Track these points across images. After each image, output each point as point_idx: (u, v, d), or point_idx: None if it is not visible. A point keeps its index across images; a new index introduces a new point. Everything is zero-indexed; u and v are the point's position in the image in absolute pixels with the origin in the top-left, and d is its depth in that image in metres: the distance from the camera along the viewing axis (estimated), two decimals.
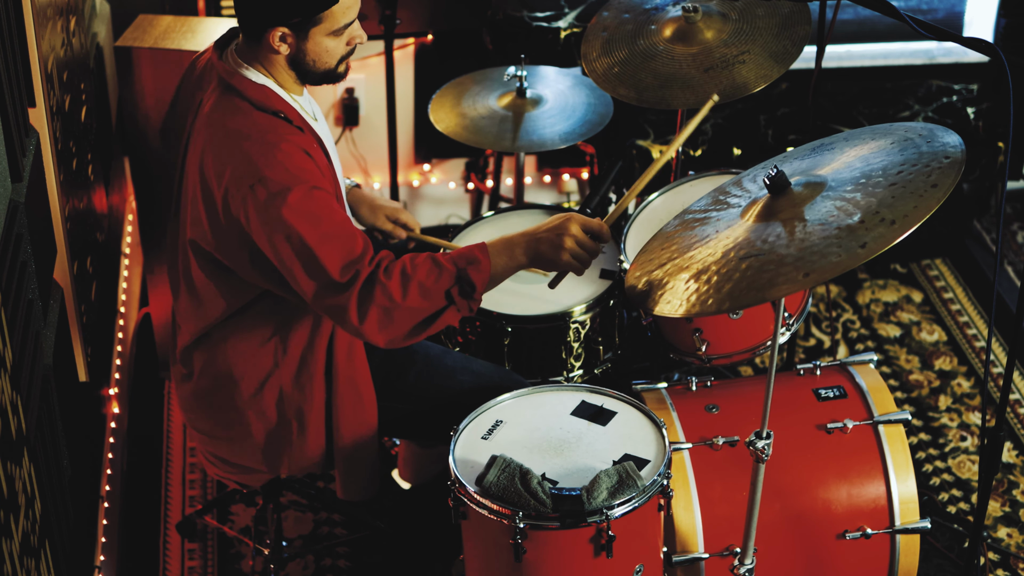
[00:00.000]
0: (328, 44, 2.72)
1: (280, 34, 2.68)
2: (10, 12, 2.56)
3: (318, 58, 2.73)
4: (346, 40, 2.74)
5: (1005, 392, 2.73)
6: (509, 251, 2.76)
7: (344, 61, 2.78)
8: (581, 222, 2.77)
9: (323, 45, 2.71)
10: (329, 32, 2.70)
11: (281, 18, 2.65)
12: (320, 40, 2.70)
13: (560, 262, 2.77)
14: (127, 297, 3.87)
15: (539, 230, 2.78)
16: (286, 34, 2.68)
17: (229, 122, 2.69)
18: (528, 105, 3.70)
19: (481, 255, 2.71)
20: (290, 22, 2.66)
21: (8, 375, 2.16)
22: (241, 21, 2.73)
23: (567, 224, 2.76)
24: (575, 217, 2.78)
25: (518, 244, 2.77)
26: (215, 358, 2.89)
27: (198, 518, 3.57)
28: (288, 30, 2.67)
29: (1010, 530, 3.55)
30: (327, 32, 2.69)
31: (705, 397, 3.01)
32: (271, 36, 2.68)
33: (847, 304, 4.37)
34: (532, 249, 2.76)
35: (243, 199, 2.63)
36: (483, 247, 2.73)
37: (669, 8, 3.37)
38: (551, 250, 2.76)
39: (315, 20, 2.67)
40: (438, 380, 3.02)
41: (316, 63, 2.74)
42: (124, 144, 4.09)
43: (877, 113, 4.32)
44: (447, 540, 3.27)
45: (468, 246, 2.75)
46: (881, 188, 2.34)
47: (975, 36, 2.86)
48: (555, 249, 2.76)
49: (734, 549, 2.85)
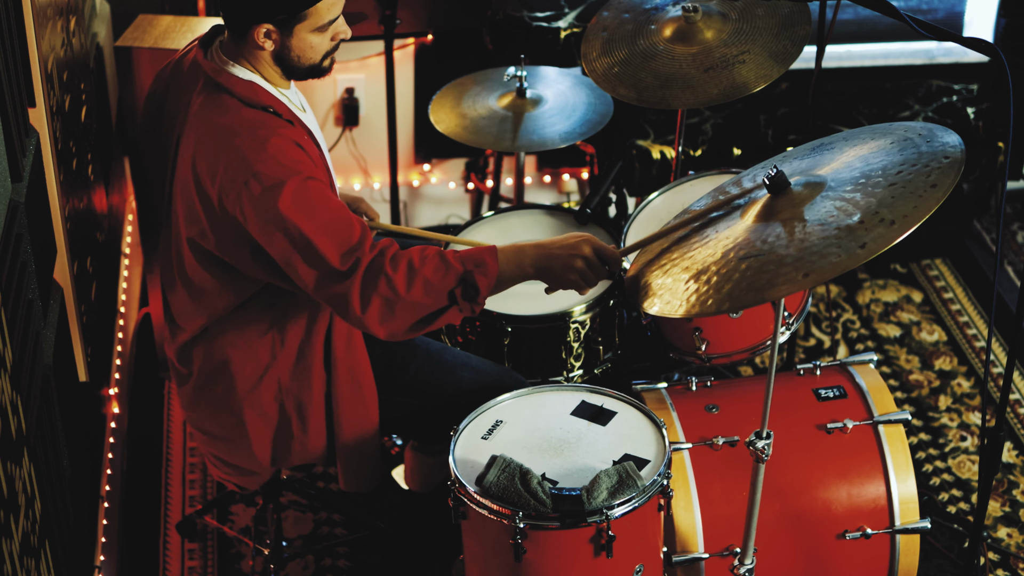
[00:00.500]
0: (313, 40, 2.72)
1: (265, 31, 2.68)
2: (10, 12, 2.56)
3: (303, 54, 2.74)
4: (330, 36, 2.75)
5: (1005, 392, 2.73)
6: (519, 259, 2.75)
7: (329, 56, 2.79)
8: (596, 246, 2.76)
9: (308, 41, 2.72)
10: (314, 28, 2.70)
11: (266, 15, 2.66)
12: (305, 36, 2.71)
13: (566, 281, 2.77)
14: (127, 297, 3.87)
15: (553, 245, 2.77)
16: (271, 31, 2.69)
17: (218, 120, 2.70)
18: (528, 105, 3.70)
19: (490, 260, 2.71)
20: (275, 19, 2.66)
21: (8, 375, 2.16)
22: (226, 18, 2.74)
23: (582, 246, 2.75)
24: (591, 240, 2.77)
25: (529, 255, 2.76)
26: (213, 353, 2.90)
27: (198, 518, 3.57)
28: (273, 27, 2.68)
29: (1010, 530, 3.55)
30: (312, 28, 2.70)
31: (705, 397, 3.01)
32: (256, 32, 2.68)
33: (847, 304, 4.37)
34: (543, 263, 2.76)
35: (238, 195, 2.63)
36: (493, 251, 2.72)
37: (669, 8, 3.37)
38: (561, 268, 2.75)
39: (300, 17, 2.67)
40: (438, 375, 3.03)
41: (301, 59, 2.75)
42: (124, 144, 4.09)
43: (877, 113, 4.32)
44: (447, 540, 3.27)
45: (480, 248, 2.73)
46: (881, 188, 2.34)
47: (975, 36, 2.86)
48: (565, 268, 2.75)
49: (734, 549, 2.85)
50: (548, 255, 2.76)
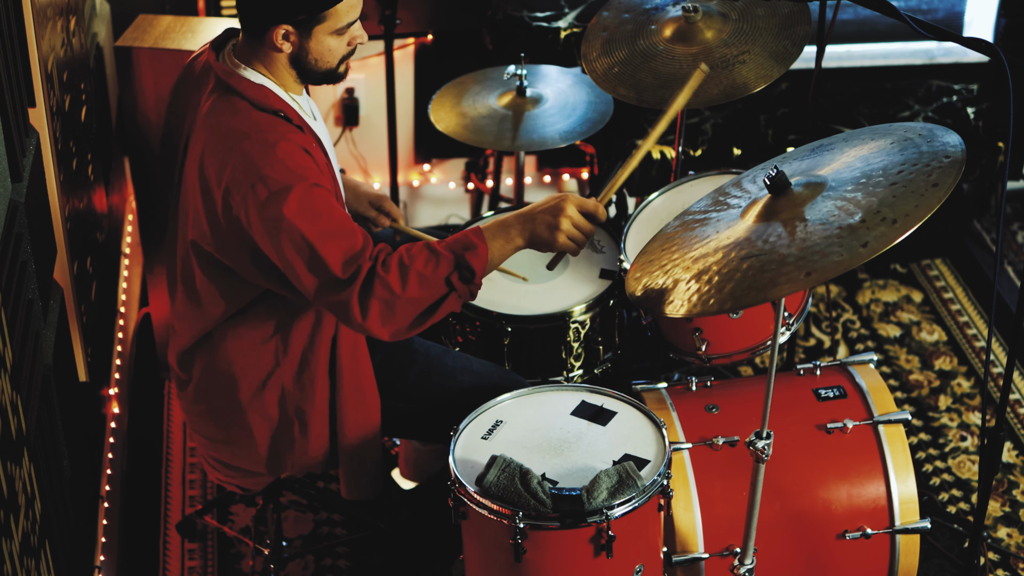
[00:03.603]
0: (331, 43, 2.72)
1: (284, 32, 2.68)
2: (10, 12, 2.55)
3: (320, 57, 2.74)
4: (347, 40, 2.75)
5: (1005, 392, 2.73)
6: (505, 233, 2.75)
7: (344, 61, 2.79)
8: (576, 202, 2.77)
9: (326, 44, 2.72)
10: (332, 31, 2.70)
11: (286, 16, 2.66)
12: (323, 39, 2.71)
13: (556, 243, 2.77)
14: (127, 297, 3.87)
15: (534, 210, 2.77)
16: (289, 32, 2.68)
17: (228, 122, 2.69)
18: (528, 104, 3.70)
19: (477, 239, 2.71)
20: (294, 19, 2.66)
21: (8, 375, 2.16)
22: (244, 19, 2.73)
23: (563, 204, 2.76)
24: (570, 197, 2.77)
25: (513, 226, 2.76)
26: (215, 359, 2.89)
27: (198, 518, 3.57)
28: (292, 28, 2.67)
29: (1010, 530, 3.55)
30: (330, 31, 2.70)
31: (705, 397, 3.01)
32: (274, 34, 2.68)
33: (847, 304, 4.37)
34: (528, 230, 2.76)
35: (243, 198, 2.63)
36: (478, 231, 2.73)
37: (669, 8, 3.37)
38: (547, 231, 2.76)
39: (319, 18, 2.67)
40: (438, 380, 3.03)
41: (318, 62, 2.75)
42: (124, 144, 4.09)
43: (877, 113, 4.32)
44: (447, 540, 3.27)
45: (463, 231, 2.74)
46: (882, 188, 2.34)
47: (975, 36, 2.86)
48: (551, 230, 2.75)
49: (734, 549, 2.85)
50: (532, 220, 2.76)
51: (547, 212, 2.76)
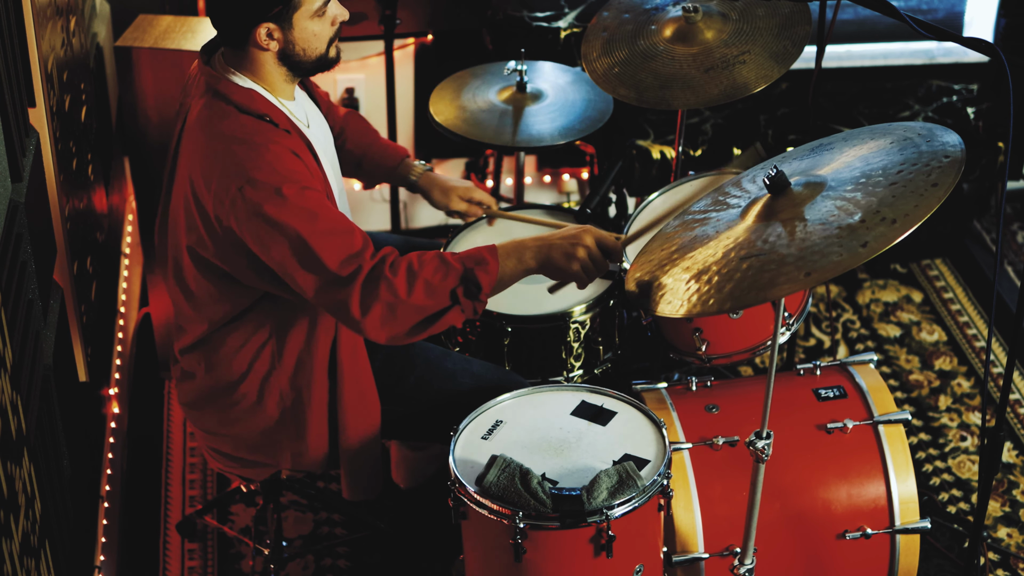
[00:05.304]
0: (314, 28, 2.72)
1: (266, 30, 2.68)
2: (10, 12, 2.56)
3: (307, 45, 2.74)
4: (330, 20, 2.75)
5: (1005, 392, 2.73)
6: (519, 254, 2.75)
7: (333, 43, 2.78)
8: (597, 236, 2.77)
9: (309, 30, 2.72)
10: (312, 14, 2.70)
11: (262, 12, 2.66)
12: (305, 24, 2.70)
13: (570, 272, 2.77)
14: (127, 297, 3.87)
15: (553, 237, 2.77)
16: (272, 29, 2.68)
17: (216, 126, 2.69)
18: (528, 100, 3.69)
19: (490, 257, 2.71)
20: (271, 13, 2.66)
21: (8, 375, 2.16)
22: (223, 32, 2.73)
23: (583, 235, 2.76)
24: (591, 230, 2.77)
25: (529, 248, 2.76)
26: (215, 360, 2.89)
27: (198, 518, 3.57)
28: (273, 24, 2.67)
29: (1010, 530, 3.55)
30: (309, 14, 2.70)
31: (705, 397, 3.01)
32: (257, 35, 2.68)
33: (847, 304, 4.37)
34: (544, 255, 2.76)
35: (232, 202, 2.62)
36: (493, 249, 2.73)
37: (669, 8, 3.37)
38: (563, 259, 2.75)
39: (294, 4, 2.67)
40: (438, 384, 3.02)
41: (307, 51, 2.74)
42: (124, 144, 4.09)
43: (877, 113, 4.32)
44: (447, 540, 3.27)
45: (478, 247, 2.74)
46: (881, 188, 2.34)
47: (975, 36, 2.86)
48: (567, 259, 2.75)
49: (734, 549, 2.85)
50: (549, 246, 2.76)
51: (566, 240, 2.76)
